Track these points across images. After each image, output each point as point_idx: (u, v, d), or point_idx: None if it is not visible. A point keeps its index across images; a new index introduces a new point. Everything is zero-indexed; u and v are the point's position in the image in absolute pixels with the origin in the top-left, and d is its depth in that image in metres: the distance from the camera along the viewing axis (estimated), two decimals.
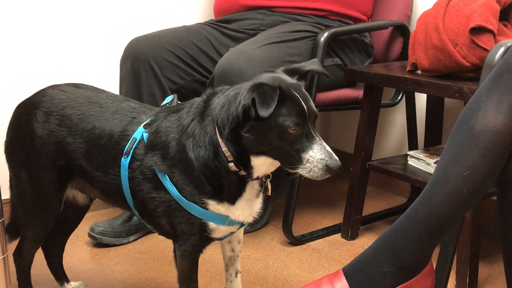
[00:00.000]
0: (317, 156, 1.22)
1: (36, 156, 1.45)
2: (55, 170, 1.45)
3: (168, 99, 1.45)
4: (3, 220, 0.96)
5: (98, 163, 1.41)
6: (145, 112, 1.42)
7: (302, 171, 1.23)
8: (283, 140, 1.22)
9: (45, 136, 1.43)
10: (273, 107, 1.16)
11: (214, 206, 1.32)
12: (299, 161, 1.23)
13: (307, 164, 1.22)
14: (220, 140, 1.27)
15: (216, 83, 1.91)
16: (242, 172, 1.30)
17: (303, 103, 1.22)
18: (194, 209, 1.32)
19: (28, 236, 1.57)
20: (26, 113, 1.47)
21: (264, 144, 1.23)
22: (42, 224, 1.52)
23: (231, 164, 1.28)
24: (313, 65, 1.34)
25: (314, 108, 1.25)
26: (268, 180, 1.36)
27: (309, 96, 1.26)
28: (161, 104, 1.45)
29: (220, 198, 1.32)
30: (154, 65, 2.05)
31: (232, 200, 1.33)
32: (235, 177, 1.30)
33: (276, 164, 1.30)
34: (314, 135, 1.23)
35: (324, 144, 1.23)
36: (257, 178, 1.33)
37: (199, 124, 1.31)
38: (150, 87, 2.05)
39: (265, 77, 1.27)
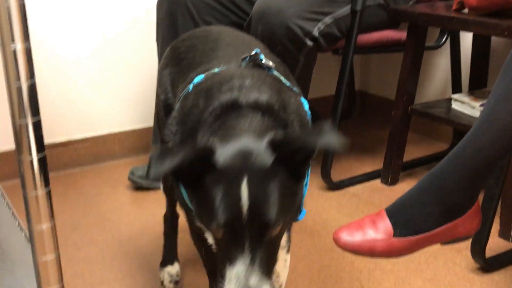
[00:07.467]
0: (229, 279, 0.86)
1: None
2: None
3: None
4: (50, 190, 0.85)
5: None
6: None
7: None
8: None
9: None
10: (164, 169, 0.84)
11: None
12: (220, 268, 0.89)
13: (223, 280, 0.88)
14: None
15: (254, 24, 1.86)
16: None
17: (242, 200, 0.84)
18: None
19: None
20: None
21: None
22: None
23: None
24: (319, 138, 0.89)
25: (269, 215, 0.86)
26: None
27: (270, 193, 0.87)
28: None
29: None
30: (190, 7, 2.01)
31: None
32: None
33: None
34: (247, 249, 0.85)
35: (255, 268, 0.85)
36: None
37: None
38: (187, 29, 2.01)
39: (240, 143, 0.91)
